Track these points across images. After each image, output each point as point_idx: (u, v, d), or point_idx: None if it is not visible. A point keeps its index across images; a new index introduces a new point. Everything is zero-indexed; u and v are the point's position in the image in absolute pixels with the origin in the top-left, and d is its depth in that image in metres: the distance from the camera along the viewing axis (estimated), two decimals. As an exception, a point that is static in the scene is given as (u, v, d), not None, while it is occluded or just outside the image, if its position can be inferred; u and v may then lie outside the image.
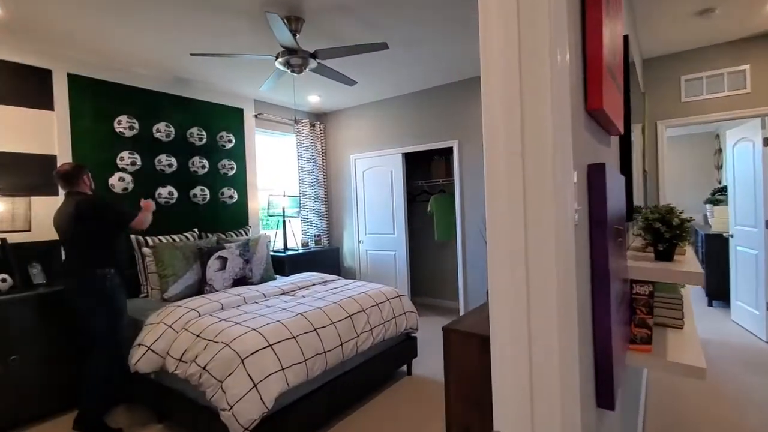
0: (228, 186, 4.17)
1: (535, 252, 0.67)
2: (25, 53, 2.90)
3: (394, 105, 4.72)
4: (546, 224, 0.64)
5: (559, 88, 0.62)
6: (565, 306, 0.68)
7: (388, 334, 2.78)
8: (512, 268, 0.70)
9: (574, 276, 0.71)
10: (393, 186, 4.73)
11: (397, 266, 4.73)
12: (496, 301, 0.75)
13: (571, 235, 0.67)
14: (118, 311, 2.42)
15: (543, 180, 0.63)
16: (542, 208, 0.64)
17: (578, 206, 0.74)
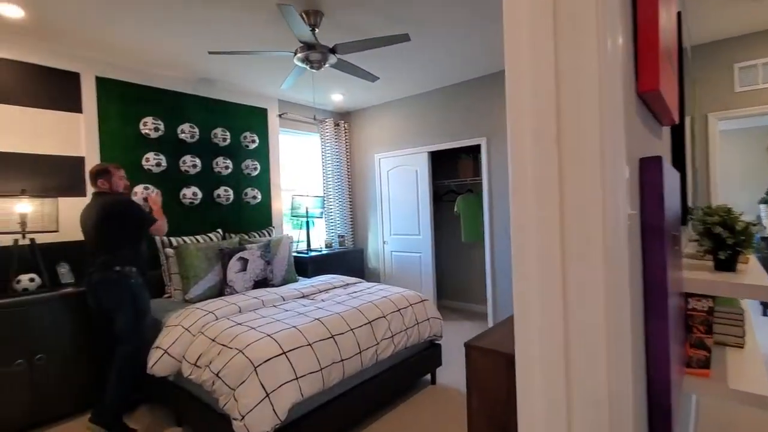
0: (252, 186, 4.16)
1: (575, 266, 0.52)
2: (55, 57, 2.97)
3: (419, 102, 4.57)
4: (590, 231, 0.49)
5: (607, 51, 0.47)
6: (616, 333, 0.53)
7: (411, 341, 2.64)
8: (543, 282, 0.55)
9: (628, 297, 0.55)
10: (418, 185, 4.59)
11: (422, 268, 4.58)
12: (523, 321, 0.60)
13: (623, 246, 0.52)
14: (140, 311, 2.43)
15: (586, 175, 0.48)
16: (585, 210, 0.49)
17: (632, 210, 0.59)
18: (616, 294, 0.51)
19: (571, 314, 0.55)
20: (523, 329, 0.61)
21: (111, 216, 2.38)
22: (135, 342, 2.39)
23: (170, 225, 3.51)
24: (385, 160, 4.90)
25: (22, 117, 2.83)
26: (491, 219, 4.05)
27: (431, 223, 4.52)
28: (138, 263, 2.48)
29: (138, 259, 2.49)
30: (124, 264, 2.40)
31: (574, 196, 0.50)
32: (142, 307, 2.45)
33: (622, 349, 0.51)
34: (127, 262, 2.41)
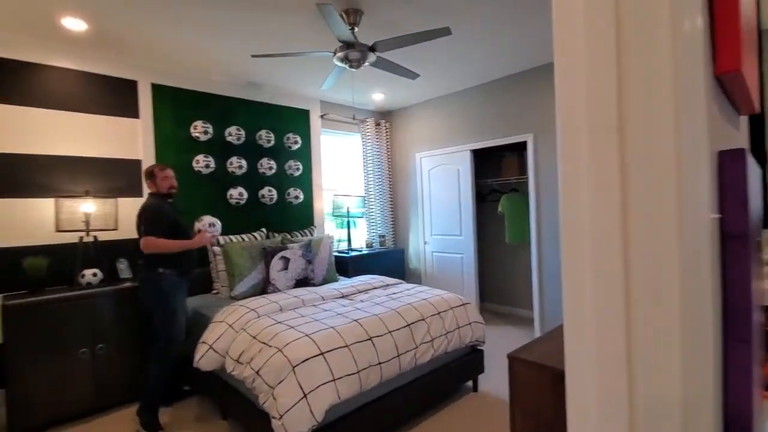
0: (294, 186, 4.24)
1: (641, 276, 0.44)
2: (114, 66, 3.18)
3: (460, 99, 4.44)
4: (661, 239, 0.41)
5: (683, 21, 0.39)
6: (694, 360, 0.45)
7: (451, 346, 2.56)
8: (600, 295, 0.47)
9: (710, 315, 0.46)
10: (460, 185, 4.46)
11: (464, 270, 4.45)
12: (575, 339, 0.53)
13: (705, 257, 0.43)
14: (171, 312, 2.48)
15: (657, 172, 0.40)
16: (655, 214, 0.41)
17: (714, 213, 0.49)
18: (695, 317, 0.43)
19: (639, 338, 0.47)
20: (575, 345, 0.54)
21: (141, 218, 2.50)
22: (164, 342, 2.46)
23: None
24: (427, 159, 4.82)
25: (87, 123, 3.06)
26: (538, 220, 3.85)
27: (473, 223, 4.38)
28: (173, 264, 2.52)
29: (173, 259, 2.51)
30: (156, 265, 2.48)
31: (641, 198, 0.42)
32: (172, 308, 2.49)
33: (702, 385, 0.43)
34: (160, 263, 2.48)
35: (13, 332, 2.39)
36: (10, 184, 2.74)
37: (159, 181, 2.62)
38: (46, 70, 2.88)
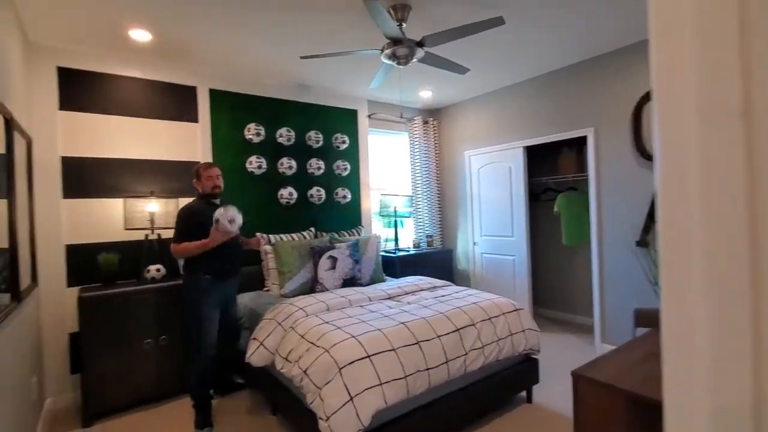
0: (342, 186, 4.27)
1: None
2: (176, 74, 3.36)
3: (512, 94, 4.23)
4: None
5: None
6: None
7: (503, 353, 2.42)
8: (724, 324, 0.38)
9: None
10: (512, 183, 4.26)
11: (516, 272, 4.24)
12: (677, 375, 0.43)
13: None
14: (196, 319, 2.46)
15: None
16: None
17: None
18: None
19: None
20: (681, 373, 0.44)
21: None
22: (192, 347, 2.47)
23: (270, 224, 3.80)
24: (476, 158, 4.65)
25: (152, 128, 3.26)
26: (599, 220, 3.57)
27: (527, 224, 4.16)
28: (207, 267, 2.47)
29: (206, 262, 2.46)
30: (191, 268, 2.49)
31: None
32: (198, 314, 2.44)
33: None
34: (194, 267, 2.47)
35: (88, 322, 2.60)
36: (86, 186, 2.99)
37: (204, 180, 2.58)
38: (116, 80, 3.11)
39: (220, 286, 2.55)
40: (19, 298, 1.97)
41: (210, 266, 2.49)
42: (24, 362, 2.17)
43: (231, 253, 2.58)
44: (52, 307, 2.85)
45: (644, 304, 3.26)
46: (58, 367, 2.87)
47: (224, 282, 2.58)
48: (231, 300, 2.75)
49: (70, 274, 2.93)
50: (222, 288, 2.57)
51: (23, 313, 2.20)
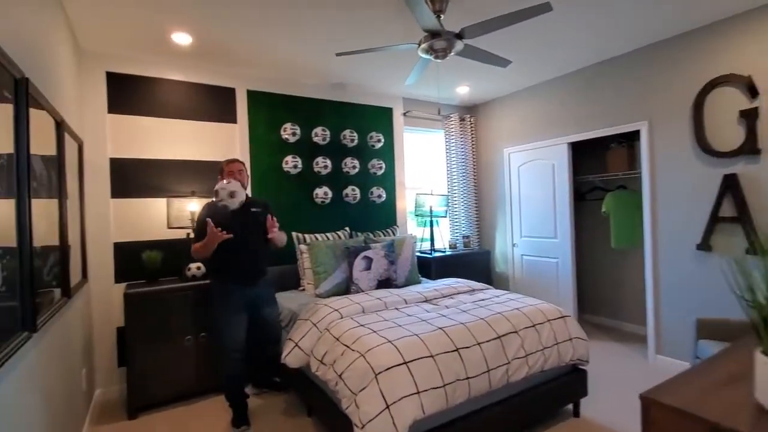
0: (377, 185, 4.21)
1: None
2: (215, 76, 3.43)
3: (556, 87, 4.01)
4: None
5: None
6: None
7: (549, 363, 2.27)
8: None
9: None
10: (555, 182, 4.03)
11: (559, 276, 4.02)
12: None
13: None
14: (216, 323, 2.50)
15: None
16: None
17: None
18: None
19: None
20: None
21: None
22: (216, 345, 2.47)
23: (305, 223, 3.80)
24: (516, 155, 4.45)
25: (193, 130, 3.34)
26: (654, 221, 3.30)
27: (571, 224, 3.93)
28: (219, 270, 2.44)
29: (218, 265, 2.44)
30: (210, 271, 2.50)
31: None
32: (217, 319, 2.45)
33: None
34: (211, 270, 2.50)
35: (132, 317, 2.68)
36: (132, 186, 3.10)
37: (225, 176, 2.50)
38: (160, 83, 3.20)
39: (242, 289, 2.48)
40: (69, 294, 2.05)
41: (228, 270, 2.44)
42: (74, 355, 2.26)
43: (250, 257, 2.49)
44: (101, 302, 2.98)
45: (706, 313, 2.97)
46: (107, 360, 3.00)
47: (246, 286, 2.50)
48: (264, 301, 2.65)
49: (118, 271, 3.05)
50: (245, 291, 2.50)
51: (73, 308, 2.29)
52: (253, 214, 2.54)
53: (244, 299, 2.48)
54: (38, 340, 1.59)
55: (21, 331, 1.35)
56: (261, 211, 2.57)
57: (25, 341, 1.35)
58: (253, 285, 2.54)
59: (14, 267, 1.31)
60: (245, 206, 2.46)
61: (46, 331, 1.72)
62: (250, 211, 2.53)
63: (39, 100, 1.63)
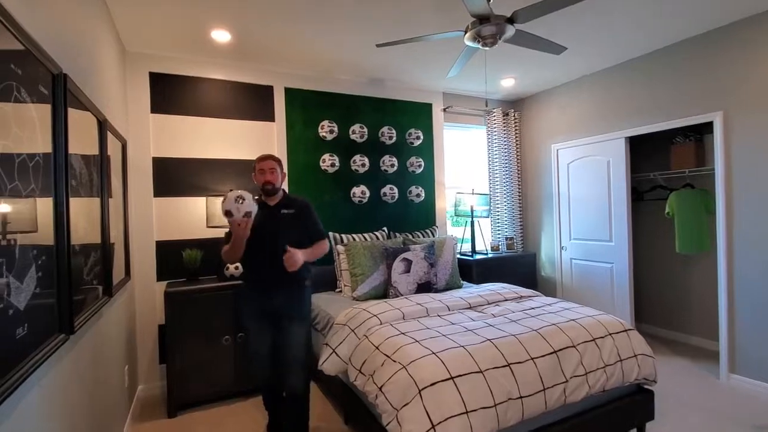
0: (416, 184, 4.06)
1: None
2: (254, 74, 3.40)
3: (613, 76, 3.68)
4: None
5: None
6: None
7: (611, 383, 2.03)
8: None
9: None
10: (611, 180, 3.71)
11: (614, 283, 3.69)
12: None
13: None
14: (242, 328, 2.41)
15: None
16: None
17: None
18: None
19: None
20: None
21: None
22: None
23: (342, 223, 3.71)
24: (565, 151, 4.15)
25: (231, 128, 3.33)
26: (729, 224, 2.94)
27: (629, 226, 3.59)
28: (244, 274, 2.25)
29: (245, 269, 2.24)
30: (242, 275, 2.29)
31: None
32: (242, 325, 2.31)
33: None
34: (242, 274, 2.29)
35: (172, 316, 2.68)
36: (173, 185, 3.12)
37: (256, 174, 2.23)
38: (200, 82, 3.21)
39: (260, 297, 2.20)
40: (111, 293, 2.05)
41: (247, 275, 2.24)
42: (116, 352, 2.27)
43: (270, 264, 2.13)
44: (144, 299, 3.02)
45: (796, 330, 2.59)
46: (149, 357, 3.04)
47: (264, 295, 2.19)
48: (284, 317, 2.17)
49: (159, 269, 3.08)
50: (262, 300, 2.19)
51: (116, 305, 2.30)
52: (284, 217, 2.21)
53: (262, 308, 2.21)
54: (77, 340, 1.57)
55: (58, 334, 1.31)
56: (294, 213, 2.23)
57: (62, 343, 1.31)
58: (273, 295, 2.17)
59: (51, 267, 1.27)
60: (276, 207, 2.23)
61: (87, 330, 1.71)
62: (280, 213, 2.22)
63: (80, 98, 1.61)
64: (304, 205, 2.31)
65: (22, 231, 1.08)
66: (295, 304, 2.20)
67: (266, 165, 2.21)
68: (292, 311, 2.18)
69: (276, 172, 2.23)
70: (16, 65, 1.05)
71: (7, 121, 0.99)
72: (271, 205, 2.24)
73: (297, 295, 2.21)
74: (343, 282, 3.28)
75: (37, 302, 1.15)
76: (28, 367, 1.05)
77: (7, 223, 0.99)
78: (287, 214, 2.22)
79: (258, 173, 2.22)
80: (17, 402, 1.04)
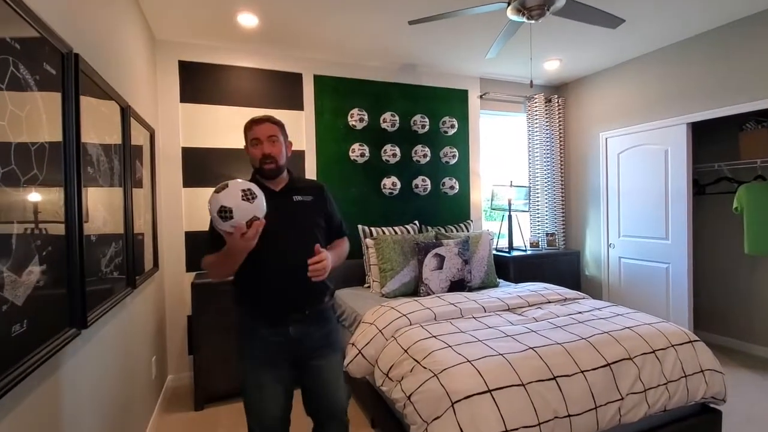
0: (449, 176, 3.85)
1: None
2: (283, 61, 3.30)
3: (674, 54, 3.29)
4: None
5: None
6: None
7: (674, 401, 1.77)
8: None
9: None
10: (669, 171, 3.34)
11: (671, 285, 3.34)
12: None
13: None
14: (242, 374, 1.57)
15: None
16: None
17: None
18: None
19: None
20: None
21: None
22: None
23: (371, 216, 3.56)
24: (616, 140, 3.79)
25: (260, 118, 3.24)
26: (815, 222, 2.54)
27: (689, 223, 3.23)
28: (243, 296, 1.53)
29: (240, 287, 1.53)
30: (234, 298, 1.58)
31: None
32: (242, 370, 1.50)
33: None
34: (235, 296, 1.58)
35: (199, 307, 2.65)
36: (201, 175, 3.08)
37: (249, 147, 1.50)
38: (228, 71, 3.14)
39: (271, 330, 1.46)
40: (134, 284, 2.00)
41: (252, 296, 1.48)
42: (141, 343, 2.24)
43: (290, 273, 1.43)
44: (173, 290, 3.02)
45: None
46: (178, 347, 3.04)
47: (278, 324, 1.46)
48: (311, 355, 1.50)
49: (189, 260, 3.06)
50: (275, 334, 1.46)
51: (141, 296, 2.27)
52: (298, 205, 1.53)
53: (279, 348, 1.46)
54: (95, 332, 1.52)
55: (68, 328, 1.25)
56: (312, 200, 1.57)
57: (72, 338, 1.24)
58: (292, 324, 1.46)
59: (59, 259, 1.20)
60: (285, 193, 1.53)
61: (107, 322, 1.67)
62: (292, 200, 1.53)
63: (95, 81, 1.53)
64: (321, 188, 1.64)
65: (23, 221, 1.00)
66: (330, 328, 1.57)
67: (263, 131, 1.46)
68: (327, 340, 1.54)
69: (279, 142, 1.49)
70: (24, 47, 0.97)
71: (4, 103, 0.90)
72: (276, 191, 1.51)
73: (328, 316, 1.58)
74: (371, 277, 3.14)
75: (41, 296, 1.08)
76: (26, 366, 0.97)
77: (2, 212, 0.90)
78: (303, 203, 1.54)
79: (251, 144, 1.48)
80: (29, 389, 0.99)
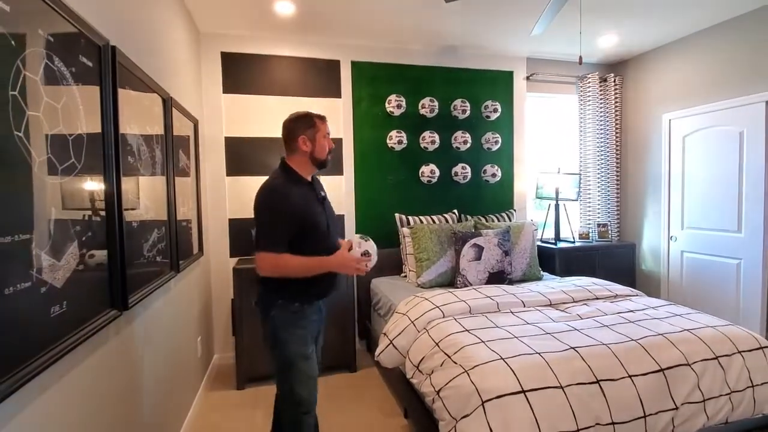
0: (491, 163, 3.68)
1: None
2: (320, 48, 3.28)
3: (752, 23, 2.88)
4: None
5: None
6: None
7: (738, 413, 1.58)
8: None
9: None
10: (743, 156, 2.97)
11: (742, 283, 3.00)
12: None
13: None
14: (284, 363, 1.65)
15: None
16: None
17: None
18: None
19: None
20: None
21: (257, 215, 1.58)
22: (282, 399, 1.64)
23: (409, 204, 3.50)
24: (681, 122, 3.43)
25: (299, 106, 3.19)
26: None
27: (766, 215, 2.86)
28: (299, 289, 1.56)
29: (302, 282, 1.56)
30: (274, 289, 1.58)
31: None
32: (287, 356, 1.58)
33: None
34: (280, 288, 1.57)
35: (240, 291, 2.75)
36: (243, 164, 3.17)
37: (317, 139, 1.63)
38: (268, 60, 3.18)
39: (318, 314, 1.69)
40: (177, 268, 2.10)
41: (301, 288, 1.57)
42: (187, 323, 2.37)
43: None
44: (218, 274, 3.16)
45: None
46: (223, 328, 3.19)
47: (321, 308, 1.72)
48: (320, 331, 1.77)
49: (232, 246, 3.18)
50: (320, 316, 1.71)
51: (185, 280, 2.39)
52: (325, 198, 1.74)
53: (317, 324, 1.70)
54: (139, 313, 1.61)
55: (109, 309, 1.32)
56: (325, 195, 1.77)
57: (112, 319, 1.31)
58: (323, 307, 1.77)
59: (99, 243, 1.26)
60: (314, 186, 1.68)
61: (150, 303, 1.76)
62: (320, 195, 1.70)
63: (135, 73, 1.59)
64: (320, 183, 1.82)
65: (62, 207, 1.06)
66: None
67: (328, 128, 1.72)
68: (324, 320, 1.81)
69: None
70: (57, 39, 1.02)
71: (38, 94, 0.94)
72: (309, 183, 1.66)
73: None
74: (408, 267, 3.10)
75: (81, 279, 1.14)
76: (67, 344, 1.03)
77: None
78: (325, 197, 1.74)
79: (320, 137, 1.65)
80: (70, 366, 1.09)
